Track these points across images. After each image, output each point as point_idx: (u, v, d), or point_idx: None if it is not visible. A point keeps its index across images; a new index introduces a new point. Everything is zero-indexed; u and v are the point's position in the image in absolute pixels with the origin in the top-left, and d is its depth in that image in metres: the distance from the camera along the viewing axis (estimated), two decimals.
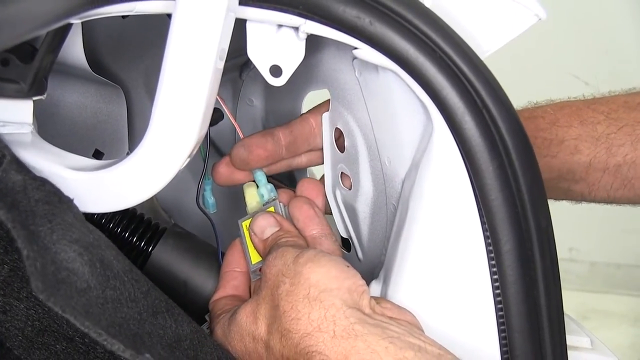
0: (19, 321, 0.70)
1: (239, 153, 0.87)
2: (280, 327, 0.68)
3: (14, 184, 0.61)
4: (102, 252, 0.66)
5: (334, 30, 0.67)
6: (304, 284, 0.69)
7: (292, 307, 0.68)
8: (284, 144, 0.87)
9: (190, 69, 0.64)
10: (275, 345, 0.69)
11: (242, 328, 0.73)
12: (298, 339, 0.66)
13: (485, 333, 0.69)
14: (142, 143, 0.67)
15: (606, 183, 0.91)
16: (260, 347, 0.71)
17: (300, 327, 0.67)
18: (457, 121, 0.67)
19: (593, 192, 0.93)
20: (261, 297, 0.73)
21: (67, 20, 0.61)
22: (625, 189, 0.90)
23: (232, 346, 0.74)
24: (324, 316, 0.67)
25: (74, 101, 0.92)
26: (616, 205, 0.96)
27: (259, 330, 0.71)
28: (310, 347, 0.66)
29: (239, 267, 0.84)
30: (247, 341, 0.73)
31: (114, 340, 0.59)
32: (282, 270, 0.72)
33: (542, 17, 0.72)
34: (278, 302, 0.70)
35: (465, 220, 0.69)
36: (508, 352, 0.69)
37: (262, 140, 0.87)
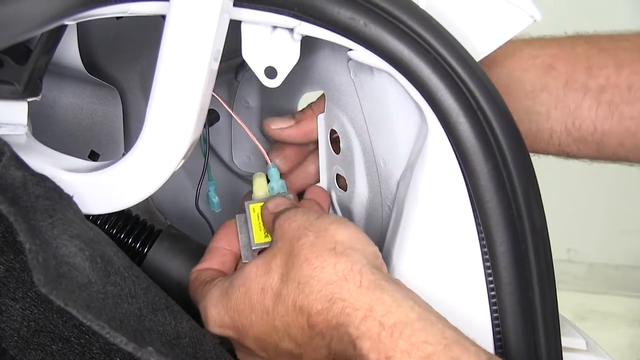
0: (14, 321, 0.70)
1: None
2: (299, 275, 0.67)
3: (14, 179, 0.62)
4: (102, 248, 0.66)
5: (328, 31, 0.67)
6: (330, 239, 0.69)
7: (316, 257, 0.68)
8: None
9: (184, 70, 0.64)
10: (288, 293, 0.68)
11: (251, 279, 0.71)
12: (321, 286, 0.66)
13: (480, 335, 0.69)
14: (137, 145, 0.67)
15: (589, 108, 0.84)
16: (269, 298, 0.70)
17: (325, 275, 0.66)
18: (452, 122, 0.67)
19: (577, 121, 0.85)
20: (276, 248, 0.72)
21: (61, 21, 0.61)
22: (614, 119, 0.83)
23: (231, 303, 0.72)
24: (350, 268, 0.66)
25: (70, 102, 0.92)
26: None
27: (271, 279, 0.70)
28: (334, 294, 0.65)
29: (229, 246, 0.83)
30: (253, 293, 0.71)
31: (116, 334, 0.59)
32: (305, 224, 0.72)
33: (537, 18, 0.73)
34: (299, 252, 0.69)
35: (460, 222, 0.69)
36: (503, 353, 0.69)
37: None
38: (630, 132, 0.82)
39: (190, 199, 1.00)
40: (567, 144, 0.86)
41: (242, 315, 0.72)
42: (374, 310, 0.63)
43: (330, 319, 0.65)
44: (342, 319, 0.64)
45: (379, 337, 0.62)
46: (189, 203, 1.05)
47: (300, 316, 0.67)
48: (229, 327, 0.73)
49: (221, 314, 0.73)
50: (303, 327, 0.67)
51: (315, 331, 0.66)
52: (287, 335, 0.69)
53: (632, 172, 3.01)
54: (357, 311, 0.63)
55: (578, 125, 0.84)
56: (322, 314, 0.65)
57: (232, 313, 0.72)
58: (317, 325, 0.66)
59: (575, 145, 0.86)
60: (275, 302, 0.69)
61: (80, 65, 0.80)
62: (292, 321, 0.68)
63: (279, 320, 0.69)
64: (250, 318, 0.71)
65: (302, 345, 0.68)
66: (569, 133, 0.85)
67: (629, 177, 3.00)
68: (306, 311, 0.66)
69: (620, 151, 0.85)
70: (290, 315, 0.68)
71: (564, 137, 0.85)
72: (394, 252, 0.73)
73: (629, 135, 0.82)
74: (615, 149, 0.85)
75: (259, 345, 0.72)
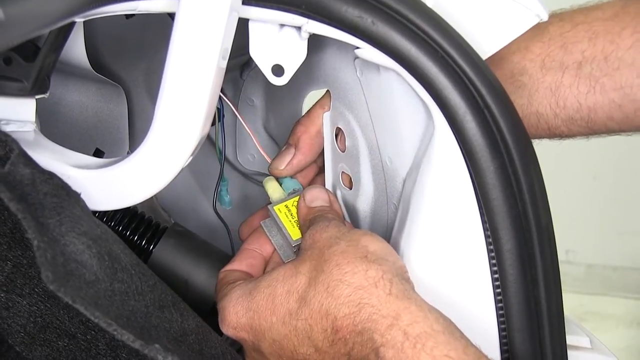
0: (21, 317, 0.71)
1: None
2: (329, 279, 0.68)
3: (22, 177, 0.62)
4: (109, 246, 0.66)
5: (336, 30, 0.67)
6: (362, 248, 0.70)
7: (348, 262, 0.68)
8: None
9: (193, 68, 0.64)
10: (315, 296, 0.68)
11: (277, 281, 0.71)
12: (350, 291, 0.66)
13: (486, 332, 0.69)
14: (145, 141, 0.67)
15: (570, 86, 0.82)
16: (293, 300, 0.70)
17: (355, 280, 0.67)
18: (459, 121, 0.67)
19: (561, 100, 0.83)
20: (306, 255, 0.72)
21: (71, 19, 0.61)
22: (597, 93, 0.81)
23: (253, 305, 0.73)
24: (381, 276, 0.67)
25: (75, 100, 0.92)
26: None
27: (298, 282, 0.70)
28: (363, 299, 0.65)
29: (261, 249, 0.84)
30: (277, 294, 0.71)
31: (124, 331, 0.60)
32: (337, 234, 0.72)
33: (543, 17, 0.73)
34: (329, 258, 0.69)
35: (466, 220, 0.69)
36: (508, 351, 0.70)
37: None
38: (616, 105, 0.81)
39: (194, 198, 1.01)
40: (556, 125, 0.85)
41: (262, 317, 0.71)
42: (401, 319, 0.63)
43: (357, 324, 0.65)
44: (369, 325, 0.64)
45: (402, 346, 0.62)
46: (193, 201, 1.06)
47: (325, 319, 0.67)
48: (244, 328, 0.73)
49: (239, 314, 0.73)
50: (326, 331, 0.67)
51: (339, 336, 0.66)
52: (308, 339, 0.68)
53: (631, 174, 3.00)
54: (384, 318, 0.64)
55: (562, 105, 0.83)
56: (349, 319, 0.65)
57: (251, 314, 0.72)
58: (342, 330, 0.66)
59: (565, 125, 0.85)
60: (300, 304, 0.69)
61: (87, 63, 0.80)
62: (315, 324, 0.68)
63: (301, 323, 0.69)
64: (271, 320, 0.71)
65: (321, 351, 0.68)
66: (555, 114, 0.84)
67: (627, 179, 3.01)
68: (332, 314, 0.66)
69: (611, 124, 0.83)
70: (314, 318, 0.68)
71: (551, 119, 0.85)
72: (400, 250, 0.73)
73: (615, 107, 0.81)
74: (605, 123, 0.83)
75: (275, 349, 0.72)
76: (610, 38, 0.80)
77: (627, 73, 0.79)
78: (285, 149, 0.88)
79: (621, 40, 0.80)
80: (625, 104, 0.81)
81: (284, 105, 0.97)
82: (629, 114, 0.81)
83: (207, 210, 1.11)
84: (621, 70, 0.80)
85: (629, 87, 0.80)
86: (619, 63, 0.80)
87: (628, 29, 0.79)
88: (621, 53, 0.79)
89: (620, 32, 0.80)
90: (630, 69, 0.79)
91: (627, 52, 0.79)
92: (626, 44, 0.79)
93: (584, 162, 3.01)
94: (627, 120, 0.82)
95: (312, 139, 0.88)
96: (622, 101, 0.80)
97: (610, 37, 0.80)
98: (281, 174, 0.88)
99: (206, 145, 1.06)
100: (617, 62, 0.80)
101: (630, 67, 0.79)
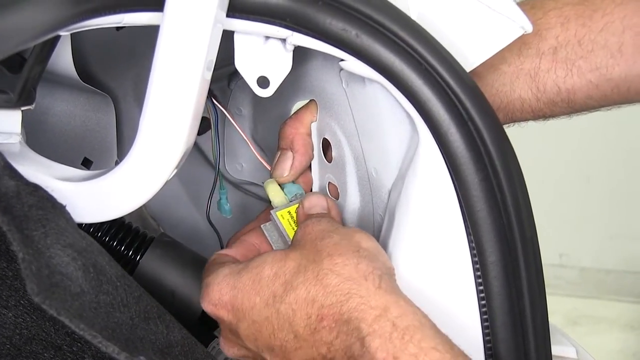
0: (7, 329, 0.71)
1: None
2: (318, 268, 0.68)
3: (7, 189, 0.62)
4: (95, 257, 0.66)
5: (320, 42, 0.67)
6: (355, 244, 0.70)
7: (340, 254, 0.68)
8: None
9: (177, 79, 0.64)
10: (303, 283, 0.68)
11: (266, 263, 0.71)
12: (339, 280, 0.66)
13: (471, 344, 0.69)
14: (130, 154, 0.67)
15: (548, 71, 0.85)
16: (279, 284, 0.69)
17: (346, 271, 0.67)
18: (443, 133, 0.67)
19: (541, 85, 0.85)
20: (298, 245, 0.73)
21: (56, 32, 0.62)
22: (574, 76, 0.84)
23: (238, 283, 0.72)
24: (371, 271, 0.67)
25: (63, 110, 0.92)
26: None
27: (286, 267, 0.70)
28: (352, 289, 0.65)
29: (259, 245, 0.84)
30: (264, 276, 0.70)
31: (108, 343, 0.60)
32: (329, 228, 0.73)
33: (527, 29, 0.73)
34: (321, 249, 0.69)
35: (451, 232, 0.69)
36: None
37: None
38: (594, 85, 0.83)
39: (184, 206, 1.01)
40: (539, 108, 0.87)
41: (246, 296, 0.71)
42: (390, 311, 0.64)
43: (343, 312, 0.65)
44: (356, 314, 0.64)
45: (390, 337, 0.62)
46: (182, 210, 1.06)
47: (310, 306, 0.67)
48: (225, 306, 0.72)
49: (223, 291, 0.73)
50: (310, 317, 0.67)
51: (323, 324, 0.66)
52: (289, 324, 0.68)
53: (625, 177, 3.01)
54: (372, 309, 0.64)
55: (542, 89, 0.85)
56: (336, 307, 0.65)
57: (235, 292, 0.72)
58: (327, 318, 0.66)
59: (547, 108, 0.87)
60: (286, 289, 0.69)
61: (74, 73, 0.80)
62: (299, 310, 0.67)
63: (284, 307, 0.68)
64: (254, 300, 0.70)
65: (301, 338, 0.68)
66: (537, 99, 0.86)
67: (621, 182, 3.01)
68: (319, 302, 0.66)
69: (591, 102, 0.86)
70: (298, 304, 0.67)
71: (534, 102, 0.87)
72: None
73: (593, 87, 0.84)
74: (585, 102, 0.86)
75: (252, 331, 0.71)
76: (582, 22, 0.83)
77: (601, 54, 0.82)
78: (282, 155, 0.87)
79: (592, 23, 0.82)
80: (602, 84, 0.83)
81: (272, 115, 0.97)
82: (606, 92, 0.84)
83: (196, 218, 1.11)
84: (595, 52, 0.82)
85: (604, 68, 0.82)
86: (593, 45, 0.82)
87: (598, 11, 0.82)
88: (594, 35, 0.82)
89: (591, 15, 0.82)
90: (604, 50, 0.82)
91: (600, 34, 0.82)
92: (598, 27, 0.82)
93: (577, 165, 3.02)
94: (606, 98, 0.85)
95: (304, 139, 0.87)
96: (599, 81, 0.83)
97: (582, 20, 0.83)
98: (286, 180, 0.87)
99: (195, 154, 1.06)
100: (590, 45, 0.82)
101: (603, 48, 0.82)
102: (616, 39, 0.81)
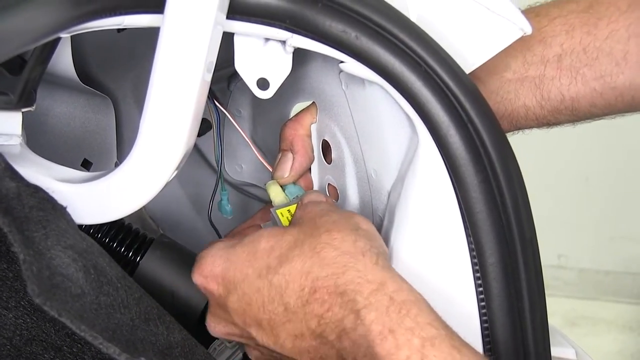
0: (7, 330, 0.71)
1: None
2: (316, 242, 0.68)
3: (7, 190, 0.62)
4: (95, 259, 0.66)
5: (320, 44, 0.68)
6: (354, 223, 0.71)
7: (338, 231, 0.68)
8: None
9: (177, 81, 0.65)
10: (299, 255, 0.68)
11: (262, 237, 0.72)
12: (337, 254, 0.66)
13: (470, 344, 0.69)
14: (130, 156, 0.67)
15: (552, 78, 0.84)
16: (274, 257, 0.69)
17: (344, 246, 0.67)
18: (442, 135, 0.67)
19: (545, 93, 0.85)
20: (297, 223, 0.73)
21: (57, 35, 0.62)
22: (578, 84, 0.83)
23: (232, 256, 0.72)
24: (369, 248, 0.67)
25: (63, 111, 0.92)
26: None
27: (283, 241, 0.70)
28: (349, 263, 0.66)
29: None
30: (259, 249, 0.71)
31: (109, 344, 0.60)
32: (329, 208, 0.74)
33: (527, 31, 0.73)
34: (320, 225, 0.70)
35: (451, 233, 0.69)
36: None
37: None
38: (598, 93, 0.83)
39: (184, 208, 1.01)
40: (543, 115, 0.87)
41: (238, 268, 0.71)
42: (386, 285, 0.64)
43: (339, 285, 0.65)
44: (352, 287, 0.64)
45: (387, 310, 0.62)
46: (182, 211, 1.06)
47: (304, 278, 0.67)
48: (216, 279, 0.73)
49: (215, 263, 0.73)
50: (303, 289, 0.67)
51: (316, 296, 0.66)
52: (280, 296, 0.68)
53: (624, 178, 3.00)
54: (369, 283, 0.64)
55: (547, 97, 0.85)
56: (331, 279, 0.65)
57: (227, 264, 0.72)
58: (321, 290, 0.66)
59: (551, 115, 0.87)
60: (280, 261, 0.69)
61: (74, 75, 0.80)
62: (292, 281, 0.67)
63: (277, 278, 0.68)
64: (246, 272, 0.70)
65: (291, 310, 0.68)
66: (541, 106, 0.86)
67: (620, 184, 3.01)
68: (314, 273, 0.66)
69: (594, 110, 0.86)
70: (292, 275, 0.67)
71: (538, 110, 0.86)
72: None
73: (597, 95, 0.83)
74: (589, 110, 0.86)
75: (242, 305, 0.71)
76: (587, 29, 0.82)
77: (606, 62, 0.82)
78: (283, 156, 0.88)
79: (598, 31, 0.82)
80: (606, 92, 0.83)
81: (272, 117, 0.97)
82: (610, 100, 0.83)
83: (195, 219, 1.11)
84: (600, 59, 0.82)
85: (609, 76, 0.82)
86: (598, 53, 0.82)
87: (603, 19, 0.82)
88: (599, 43, 0.82)
89: (596, 23, 0.82)
90: (608, 58, 0.81)
91: (605, 42, 0.81)
92: (603, 34, 0.81)
93: (576, 165, 3.02)
94: (609, 106, 0.84)
95: (303, 140, 0.88)
96: (603, 89, 0.83)
97: (587, 28, 0.82)
98: (287, 181, 0.88)
99: (195, 156, 1.07)
100: (595, 52, 0.82)
101: (608, 56, 0.81)
102: (621, 47, 0.80)
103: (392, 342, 0.60)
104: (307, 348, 0.68)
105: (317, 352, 0.67)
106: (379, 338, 0.61)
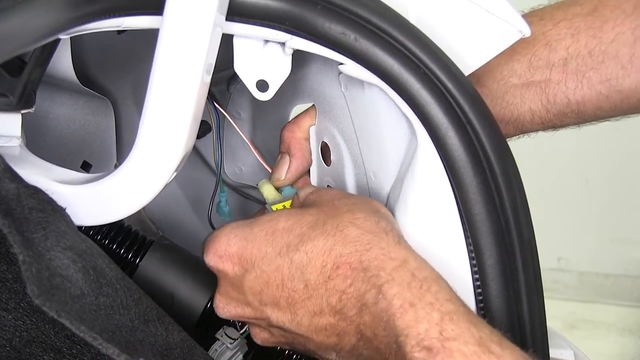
0: (7, 332, 0.71)
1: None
2: (338, 221, 0.68)
3: (7, 192, 0.62)
4: (95, 260, 0.66)
5: (319, 46, 0.68)
6: (373, 206, 0.72)
7: (360, 211, 0.69)
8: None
9: (176, 83, 0.65)
10: (322, 234, 0.68)
11: (281, 216, 0.72)
12: (361, 232, 0.67)
13: None
14: (129, 157, 0.67)
15: (558, 82, 0.84)
16: (295, 235, 0.70)
17: (366, 225, 0.68)
18: (441, 136, 0.67)
19: (551, 97, 0.85)
20: (313, 205, 0.74)
21: (56, 36, 0.62)
22: (584, 87, 0.83)
23: (249, 234, 0.72)
24: (391, 228, 0.69)
25: (63, 113, 0.92)
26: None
27: (304, 220, 0.70)
28: (372, 241, 0.67)
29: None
30: (279, 228, 0.71)
31: (109, 345, 0.60)
32: (344, 193, 0.75)
33: (526, 33, 0.73)
34: (340, 206, 0.71)
35: (449, 235, 0.69)
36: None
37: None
38: (604, 96, 0.83)
39: (183, 209, 1.01)
40: (549, 119, 0.87)
41: (257, 246, 0.71)
42: (409, 262, 0.65)
43: (363, 261, 0.66)
44: (376, 263, 0.65)
45: (409, 285, 0.63)
46: (182, 213, 1.06)
47: (327, 254, 0.67)
48: (231, 258, 0.72)
49: (231, 242, 0.73)
50: (325, 266, 0.67)
51: (339, 272, 0.66)
52: (301, 273, 0.68)
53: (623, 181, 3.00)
54: (392, 260, 0.65)
55: (552, 101, 0.85)
56: (355, 255, 0.66)
57: (244, 243, 0.72)
58: (344, 266, 0.66)
59: (557, 119, 0.87)
60: (301, 240, 0.69)
61: (74, 77, 0.81)
62: (314, 258, 0.68)
63: (299, 255, 0.69)
64: (265, 250, 0.71)
65: (311, 287, 0.68)
66: (547, 110, 0.86)
67: (620, 186, 3.01)
68: (337, 250, 0.67)
69: (600, 113, 0.86)
70: (314, 252, 0.68)
71: (544, 114, 0.87)
72: None
73: (603, 99, 0.84)
74: (594, 113, 0.86)
75: (259, 283, 0.71)
76: (592, 33, 0.82)
77: (612, 65, 0.82)
78: (281, 159, 0.88)
79: (603, 34, 0.82)
80: (612, 95, 0.83)
81: (271, 119, 0.97)
82: (616, 103, 0.84)
83: (195, 221, 1.11)
84: (606, 63, 0.82)
85: (615, 79, 0.82)
86: (603, 56, 0.82)
87: (609, 22, 0.82)
88: (604, 47, 0.82)
89: (601, 26, 0.82)
90: (614, 61, 0.81)
91: (610, 45, 0.81)
92: (608, 38, 0.81)
93: (576, 168, 3.02)
94: (615, 108, 0.85)
95: (300, 143, 0.88)
96: (609, 92, 0.83)
97: (592, 32, 0.82)
98: (284, 183, 0.88)
99: (194, 158, 1.07)
100: (601, 56, 0.82)
101: (614, 59, 0.81)
102: (627, 50, 0.80)
103: (412, 315, 0.61)
104: (325, 325, 0.68)
105: (334, 328, 0.68)
106: (399, 312, 0.62)
